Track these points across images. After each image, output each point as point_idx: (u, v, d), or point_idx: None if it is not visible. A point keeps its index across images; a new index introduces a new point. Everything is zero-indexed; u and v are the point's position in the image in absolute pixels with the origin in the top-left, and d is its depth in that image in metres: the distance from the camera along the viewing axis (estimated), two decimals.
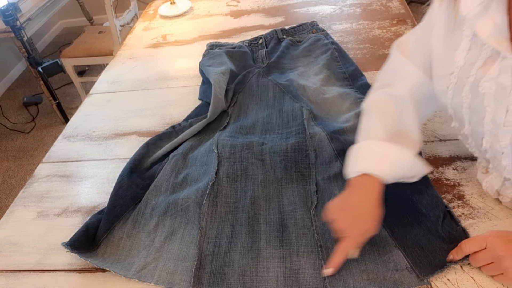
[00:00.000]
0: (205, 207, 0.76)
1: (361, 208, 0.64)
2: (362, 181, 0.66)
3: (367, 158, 0.68)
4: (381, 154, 0.67)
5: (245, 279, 0.66)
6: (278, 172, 0.82)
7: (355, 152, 0.70)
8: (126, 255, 0.72)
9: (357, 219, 0.64)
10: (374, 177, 0.65)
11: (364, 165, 0.67)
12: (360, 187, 0.66)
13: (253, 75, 1.11)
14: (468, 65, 0.60)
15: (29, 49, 2.19)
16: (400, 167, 0.67)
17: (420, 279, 0.61)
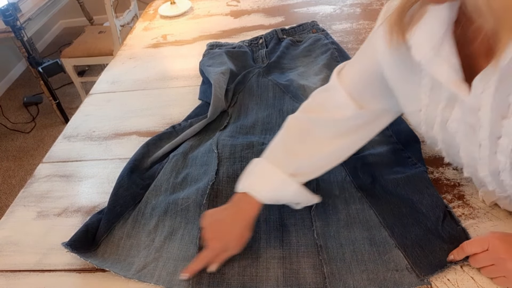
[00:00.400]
0: (205, 207, 0.76)
1: (231, 225, 0.67)
2: (242, 199, 0.67)
3: (253, 178, 0.69)
4: (267, 178, 0.67)
5: (245, 279, 0.65)
6: None
7: (249, 168, 0.70)
8: (126, 255, 0.72)
9: (223, 234, 0.66)
10: (254, 199, 0.66)
11: (248, 185, 0.68)
12: (239, 204, 0.68)
13: (253, 75, 1.11)
14: (433, 104, 0.59)
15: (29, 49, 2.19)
16: (282, 195, 0.68)
17: (420, 279, 0.61)
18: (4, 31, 2.10)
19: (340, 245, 0.68)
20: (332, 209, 0.74)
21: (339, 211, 0.73)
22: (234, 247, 0.67)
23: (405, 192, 0.71)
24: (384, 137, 0.84)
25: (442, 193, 0.73)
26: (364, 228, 0.69)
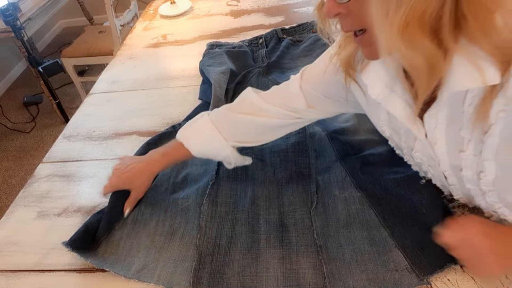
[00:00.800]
0: (205, 206, 0.76)
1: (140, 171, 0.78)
2: (174, 147, 0.78)
3: (192, 133, 0.77)
4: (205, 137, 0.76)
5: (245, 279, 0.65)
6: (278, 172, 0.82)
7: (195, 121, 0.79)
8: (126, 254, 0.72)
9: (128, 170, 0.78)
10: (185, 150, 0.76)
11: (185, 137, 0.77)
12: (163, 151, 0.79)
13: (253, 75, 1.11)
14: (396, 135, 0.61)
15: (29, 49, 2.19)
16: (214, 155, 0.77)
17: (420, 279, 0.61)
18: (4, 31, 2.10)
19: (340, 245, 0.68)
20: (332, 209, 0.74)
21: (339, 211, 0.73)
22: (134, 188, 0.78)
23: (405, 192, 0.71)
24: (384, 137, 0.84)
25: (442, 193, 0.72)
26: (364, 228, 0.69)
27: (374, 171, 0.77)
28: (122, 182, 0.78)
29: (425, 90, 0.45)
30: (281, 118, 0.74)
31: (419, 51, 0.41)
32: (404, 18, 0.39)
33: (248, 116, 0.74)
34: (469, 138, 0.49)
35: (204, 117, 0.78)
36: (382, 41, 0.43)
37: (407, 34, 0.40)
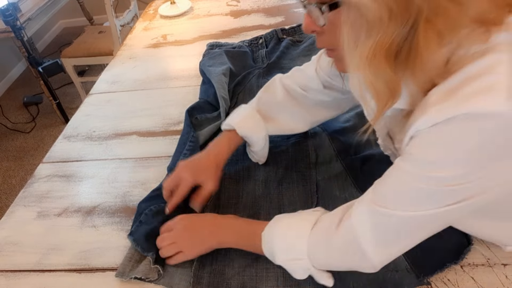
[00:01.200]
0: (207, 208, 0.77)
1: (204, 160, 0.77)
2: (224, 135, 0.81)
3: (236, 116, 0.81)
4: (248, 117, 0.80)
5: (245, 279, 0.65)
6: (279, 172, 0.82)
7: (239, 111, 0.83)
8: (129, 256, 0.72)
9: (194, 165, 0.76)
10: (233, 132, 0.79)
11: (232, 122, 0.80)
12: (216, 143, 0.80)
13: (253, 76, 1.11)
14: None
15: (29, 49, 2.19)
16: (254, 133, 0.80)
17: (419, 279, 0.61)
18: (4, 31, 2.10)
19: None
20: (332, 209, 0.74)
21: None
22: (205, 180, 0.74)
23: None
24: None
25: None
26: None
27: (374, 171, 0.77)
28: (196, 176, 0.73)
29: (384, 110, 0.48)
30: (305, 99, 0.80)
31: (382, 78, 0.44)
32: (372, 49, 0.42)
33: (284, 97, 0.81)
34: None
35: (245, 107, 0.84)
36: (350, 67, 0.46)
37: (374, 63, 0.43)
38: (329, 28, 0.48)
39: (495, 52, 0.41)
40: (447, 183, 0.44)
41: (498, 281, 0.60)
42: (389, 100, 0.46)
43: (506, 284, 0.59)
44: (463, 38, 0.42)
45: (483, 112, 0.39)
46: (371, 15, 0.40)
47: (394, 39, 0.42)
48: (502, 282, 0.60)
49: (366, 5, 0.40)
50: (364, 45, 0.42)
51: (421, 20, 0.40)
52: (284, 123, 0.83)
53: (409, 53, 0.43)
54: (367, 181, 0.75)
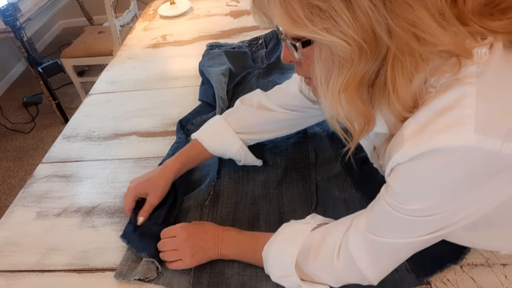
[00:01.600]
0: (206, 208, 0.77)
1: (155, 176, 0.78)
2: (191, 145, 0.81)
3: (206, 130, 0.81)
4: (218, 132, 0.80)
5: (245, 279, 0.65)
6: (278, 172, 0.82)
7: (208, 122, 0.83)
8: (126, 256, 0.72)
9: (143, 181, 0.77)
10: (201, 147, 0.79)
11: (200, 135, 0.80)
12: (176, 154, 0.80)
13: (253, 76, 1.11)
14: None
15: (29, 49, 2.19)
16: (226, 149, 0.80)
17: (419, 279, 0.61)
18: (4, 31, 2.10)
19: None
20: (332, 210, 0.74)
21: (339, 212, 0.73)
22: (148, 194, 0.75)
23: None
24: None
25: None
26: None
27: (373, 172, 0.77)
28: (138, 188, 0.76)
29: (358, 138, 0.51)
30: (285, 115, 0.79)
31: (354, 110, 0.47)
32: (344, 83, 0.44)
33: (255, 108, 0.80)
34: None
35: (217, 117, 0.83)
36: (323, 99, 0.48)
37: (345, 96, 0.45)
38: (304, 61, 0.50)
39: (463, 85, 0.43)
40: (423, 214, 0.47)
41: (497, 281, 0.60)
42: (363, 129, 0.49)
43: (505, 284, 0.59)
44: (434, 70, 0.44)
45: (452, 147, 0.41)
46: (342, 53, 0.42)
47: (365, 74, 0.44)
48: (501, 282, 0.60)
49: (337, 44, 0.41)
50: (336, 79, 0.44)
51: (390, 57, 0.42)
52: (261, 134, 0.83)
53: (380, 86, 0.45)
54: (366, 182, 0.76)
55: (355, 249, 0.55)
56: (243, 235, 0.69)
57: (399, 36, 0.40)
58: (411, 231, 0.50)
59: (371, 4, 0.39)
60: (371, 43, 0.41)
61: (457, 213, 0.47)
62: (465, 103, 0.41)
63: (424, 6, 0.39)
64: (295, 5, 0.41)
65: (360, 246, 0.54)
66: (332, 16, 0.40)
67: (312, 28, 0.41)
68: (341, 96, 0.45)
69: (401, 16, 0.40)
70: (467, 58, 0.43)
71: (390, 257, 0.55)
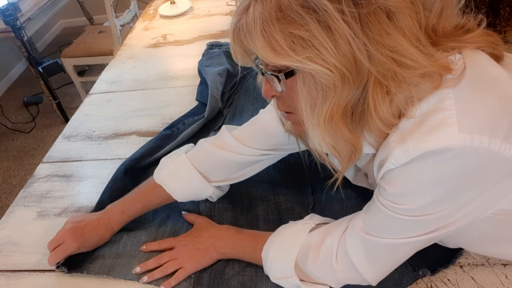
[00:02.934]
0: (202, 207, 0.76)
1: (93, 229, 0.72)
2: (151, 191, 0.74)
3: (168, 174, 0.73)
4: (187, 180, 0.73)
5: (245, 279, 0.66)
6: (271, 172, 0.81)
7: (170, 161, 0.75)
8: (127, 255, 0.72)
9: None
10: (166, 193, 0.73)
11: (161, 178, 0.73)
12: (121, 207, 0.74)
13: (251, 77, 1.11)
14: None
15: (29, 49, 2.19)
16: (197, 197, 0.75)
17: (415, 273, 0.61)
18: (4, 31, 2.10)
19: None
20: (329, 209, 0.74)
21: (336, 211, 0.73)
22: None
23: None
24: None
25: None
26: None
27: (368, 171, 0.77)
28: (75, 241, 0.69)
29: (347, 166, 0.51)
30: (255, 155, 0.73)
31: (341, 139, 0.47)
32: (329, 112, 0.45)
33: (225, 152, 0.73)
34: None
35: (182, 158, 0.74)
36: (309, 130, 0.49)
37: (332, 126, 0.46)
38: (287, 93, 0.50)
39: (441, 88, 0.44)
40: (417, 213, 0.48)
41: (498, 281, 0.60)
42: (351, 157, 0.50)
43: (506, 284, 0.59)
44: (416, 87, 0.45)
45: (440, 148, 0.42)
46: (325, 81, 0.43)
47: (349, 101, 0.45)
48: (502, 282, 0.60)
49: (320, 72, 0.42)
50: (321, 108, 0.45)
51: (371, 82, 0.43)
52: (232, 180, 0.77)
53: (363, 112, 0.46)
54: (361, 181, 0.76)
55: (352, 251, 0.55)
56: (242, 234, 0.69)
57: (379, 62, 0.42)
58: (406, 231, 0.51)
59: (351, 32, 0.40)
60: (352, 70, 0.42)
61: (452, 213, 0.47)
62: (445, 105, 0.43)
63: (402, 33, 0.42)
64: (276, 35, 0.42)
65: (358, 247, 0.55)
66: (314, 45, 0.41)
67: (295, 58, 0.42)
68: (327, 125, 0.46)
69: (380, 43, 0.41)
70: (447, 73, 0.45)
71: (388, 258, 0.55)
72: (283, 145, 0.72)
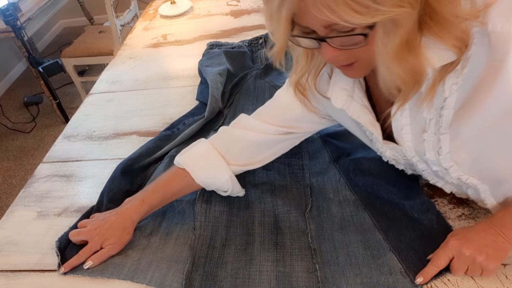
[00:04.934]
0: (197, 207, 0.76)
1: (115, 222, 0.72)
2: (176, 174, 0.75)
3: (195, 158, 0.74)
4: (206, 160, 0.74)
5: (238, 281, 0.65)
6: (271, 174, 0.81)
7: (191, 146, 0.77)
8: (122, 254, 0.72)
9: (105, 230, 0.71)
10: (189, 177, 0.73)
11: (179, 159, 0.75)
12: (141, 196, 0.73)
13: (251, 77, 1.11)
14: (373, 141, 0.67)
15: (30, 49, 2.19)
16: (214, 182, 0.74)
17: (414, 284, 0.61)
18: (4, 31, 2.10)
19: (334, 249, 0.67)
20: (326, 212, 0.73)
21: (333, 214, 0.73)
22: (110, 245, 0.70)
23: (396, 197, 0.71)
24: None
25: (442, 193, 0.72)
26: (358, 231, 0.69)
27: (367, 176, 0.77)
28: (98, 239, 0.70)
29: (412, 95, 0.51)
30: (278, 134, 0.73)
31: (409, 69, 0.47)
32: (400, 43, 0.44)
33: (248, 132, 0.74)
34: (430, 118, 0.56)
35: (202, 141, 0.76)
36: (381, 68, 0.48)
37: (402, 54, 0.45)
38: (359, 49, 0.48)
39: None
40: None
41: (498, 281, 0.60)
42: (415, 85, 0.49)
43: (506, 284, 0.59)
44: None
45: None
46: (401, 18, 0.42)
47: (412, 27, 0.44)
48: (502, 282, 0.60)
49: (400, 13, 0.42)
50: (393, 42, 0.44)
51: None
52: (254, 164, 0.77)
53: (421, 28, 0.45)
54: (360, 184, 0.76)
55: None
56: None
57: None
58: None
59: None
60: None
61: None
62: None
63: None
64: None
65: None
66: None
67: (383, 9, 0.41)
68: (398, 56, 0.45)
69: None
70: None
71: None
72: (305, 121, 0.73)
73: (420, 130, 0.58)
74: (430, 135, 0.57)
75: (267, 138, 0.74)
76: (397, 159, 0.68)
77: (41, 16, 2.47)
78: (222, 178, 0.73)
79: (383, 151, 0.68)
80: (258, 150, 0.76)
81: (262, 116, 0.75)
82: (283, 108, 0.73)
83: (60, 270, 0.70)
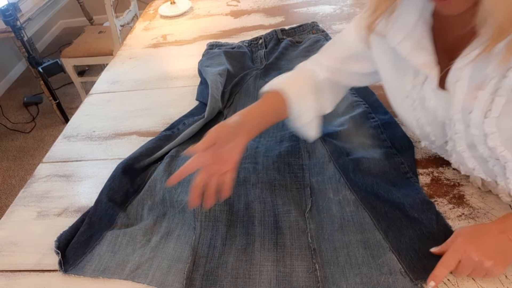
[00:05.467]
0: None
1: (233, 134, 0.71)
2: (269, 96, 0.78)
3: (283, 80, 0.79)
4: (296, 82, 0.78)
5: (238, 281, 0.65)
6: (270, 174, 0.81)
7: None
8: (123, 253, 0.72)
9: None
10: (281, 97, 0.76)
11: (278, 84, 0.78)
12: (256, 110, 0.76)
13: (251, 77, 1.11)
14: (417, 88, 0.64)
15: (29, 49, 2.19)
16: (302, 106, 0.76)
17: (414, 283, 0.61)
18: (4, 31, 2.11)
19: (334, 248, 0.67)
20: (326, 212, 0.73)
21: (333, 214, 0.73)
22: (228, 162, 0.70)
23: (396, 197, 0.71)
24: (378, 141, 0.84)
25: (442, 193, 0.73)
26: (358, 231, 0.69)
27: (367, 176, 0.77)
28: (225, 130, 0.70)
29: (504, 37, 0.47)
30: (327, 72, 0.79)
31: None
32: None
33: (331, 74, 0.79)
34: (492, 76, 0.52)
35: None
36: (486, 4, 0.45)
37: None
38: None
39: None
40: None
41: (498, 281, 0.60)
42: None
43: (505, 284, 0.59)
44: None
45: None
46: None
47: None
48: (501, 282, 0.60)
49: None
50: None
51: None
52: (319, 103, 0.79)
53: None
54: (360, 183, 0.76)
55: None
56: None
57: None
58: None
59: None
60: None
61: None
62: None
63: None
64: None
65: None
66: None
67: None
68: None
69: None
70: None
71: None
72: (359, 61, 0.75)
73: (476, 87, 0.55)
74: (485, 94, 0.54)
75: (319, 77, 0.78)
76: (434, 114, 0.64)
77: (41, 16, 2.48)
78: (310, 115, 0.77)
79: (428, 98, 0.63)
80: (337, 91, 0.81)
81: (325, 50, 0.82)
82: (344, 42, 0.77)
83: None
